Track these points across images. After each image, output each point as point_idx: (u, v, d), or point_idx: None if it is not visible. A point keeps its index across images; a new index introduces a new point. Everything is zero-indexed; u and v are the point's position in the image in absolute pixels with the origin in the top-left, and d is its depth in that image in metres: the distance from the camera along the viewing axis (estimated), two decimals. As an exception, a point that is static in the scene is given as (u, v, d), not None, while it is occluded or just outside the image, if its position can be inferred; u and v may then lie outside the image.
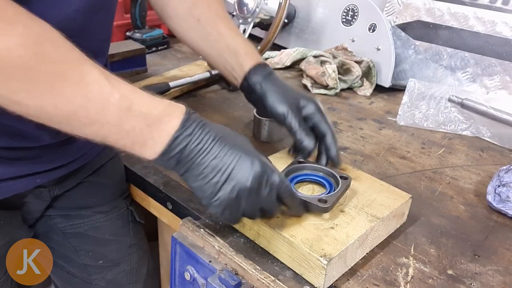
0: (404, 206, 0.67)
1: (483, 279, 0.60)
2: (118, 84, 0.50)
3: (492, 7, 1.09)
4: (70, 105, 0.48)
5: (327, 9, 1.33)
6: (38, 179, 0.69)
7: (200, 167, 0.53)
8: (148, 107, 0.51)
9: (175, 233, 0.67)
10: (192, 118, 0.53)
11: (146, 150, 0.52)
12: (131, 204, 0.90)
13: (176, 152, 0.52)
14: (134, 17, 1.33)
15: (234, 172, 0.53)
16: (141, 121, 0.51)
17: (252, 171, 0.53)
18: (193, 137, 0.52)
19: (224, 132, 0.55)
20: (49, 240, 0.84)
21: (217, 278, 0.60)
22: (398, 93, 1.17)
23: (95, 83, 0.49)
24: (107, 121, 0.50)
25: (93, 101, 0.48)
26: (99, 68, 0.50)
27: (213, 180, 0.53)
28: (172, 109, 0.53)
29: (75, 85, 0.48)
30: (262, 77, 0.73)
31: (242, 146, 0.55)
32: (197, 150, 0.53)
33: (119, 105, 0.49)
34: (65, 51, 0.48)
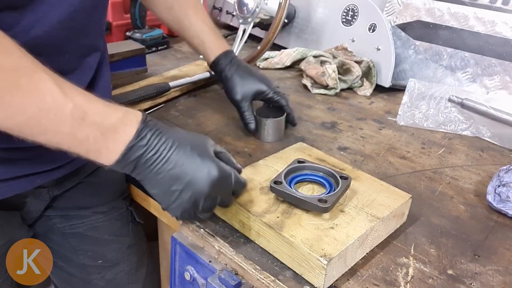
0: (404, 206, 0.67)
1: (483, 279, 0.60)
2: (71, 93, 0.50)
3: (492, 7, 1.09)
4: (22, 115, 0.48)
5: (327, 9, 1.33)
6: (38, 179, 0.69)
7: (158, 176, 0.54)
8: (102, 117, 0.51)
9: (175, 233, 0.67)
10: (149, 125, 0.53)
11: (101, 157, 0.53)
12: (130, 204, 0.90)
13: (132, 160, 0.53)
14: (134, 17, 1.33)
15: (192, 181, 0.54)
16: (95, 131, 0.50)
17: (210, 178, 0.55)
18: (149, 146, 0.53)
19: (181, 139, 0.55)
20: (48, 240, 0.84)
21: (217, 278, 0.60)
22: (398, 93, 1.17)
23: (48, 92, 0.48)
24: (60, 130, 0.49)
25: (45, 111, 0.48)
26: (52, 76, 0.49)
27: (172, 188, 0.55)
28: (128, 118, 0.53)
29: (27, 94, 0.47)
30: (223, 66, 0.89)
31: (200, 152, 0.56)
32: (153, 159, 0.53)
33: (72, 115, 0.49)
34: (16, 58, 0.47)
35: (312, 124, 1.00)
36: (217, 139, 0.91)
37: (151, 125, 0.54)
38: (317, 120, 1.02)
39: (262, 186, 0.67)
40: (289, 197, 0.62)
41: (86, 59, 0.67)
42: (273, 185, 0.63)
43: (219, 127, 0.96)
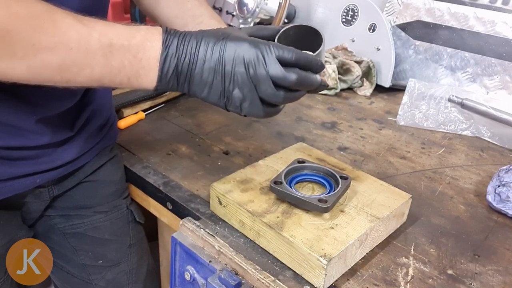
0: (404, 206, 0.67)
1: (483, 279, 0.60)
2: (92, 24, 0.51)
3: (492, 7, 1.09)
4: (56, 57, 0.49)
5: (327, 9, 1.33)
6: (38, 179, 0.69)
7: (198, 76, 0.54)
8: (127, 38, 0.52)
9: (175, 233, 0.67)
10: (171, 34, 0.54)
11: (142, 80, 0.53)
12: (131, 204, 0.90)
13: (172, 72, 0.53)
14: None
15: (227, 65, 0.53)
16: (126, 54, 0.52)
17: (241, 54, 0.53)
18: (179, 51, 0.53)
19: (205, 34, 0.55)
20: (48, 240, 0.84)
21: (217, 278, 0.60)
22: (398, 93, 1.17)
23: (72, 28, 0.49)
24: (95, 63, 0.51)
25: (75, 46, 0.49)
26: (71, 13, 0.50)
27: (215, 82, 0.54)
28: (150, 33, 0.53)
29: (52, 36, 0.48)
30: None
31: (225, 36, 0.54)
32: (188, 63, 0.53)
33: (100, 44, 0.50)
34: (33, 6, 0.48)
35: (312, 124, 1.00)
36: (217, 139, 0.91)
37: (173, 33, 0.54)
38: (317, 120, 1.02)
39: (262, 186, 0.67)
40: (289, 197, 0.62)
41: None
42: (273, 185, 0.63)
43: (219, 127, 0.96)
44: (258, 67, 0.53)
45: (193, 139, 0.91)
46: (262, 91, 0.54)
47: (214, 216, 0.68)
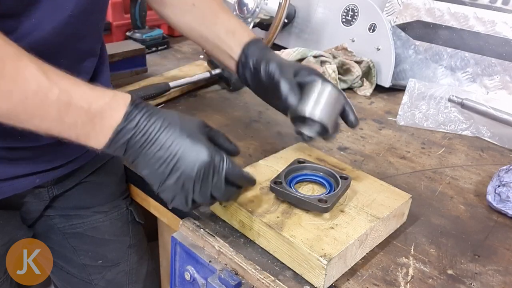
0: (404, 206, 0.67)
1: (483, 279, 0.60)
2: (56, 78, 0.50)
3: (492, 7, 1.09)
4: (8, 102, 0.48)
5: (327, 9, 1.33)
6: (38, 179, 0.69)
7: (146, 157, 0.53)
8: (89, 102, 0.51)
9: (175, 233, 0.67)
10: (138, 108, 0.53)
11: (90, 142, 0.53)
12: (131, 204, 0.90)
13: (121, 143, 0.53)
14: (134, 17, 1.33)
15: (178, 163, 0.53)
16: (82, 116, 0.51)
17: (198, 161, 0.53)
18: (138, 128, 0.52)
19: (171, 120, 0.54)
20: (48, 240, 0.84)
21: (217, 278, 0.60)
22: (398, 93, 1.17)
23: (33, 78, 0.48)
24: (47, 116, 0.50)
25: (31, 97, 0.48)
26: (37, 63, 0.49)
27: (159, 170, 0.54)
28: (115, 101, 0.52)
29: (12, 81, 0.47)
30: (259, 49, 0.72)
31: (190, 134, 0.54)
32: (142, 141, 0.53)
33: (58, 100, 0.49)
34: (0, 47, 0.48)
35: (312, 124, 1.00)
36: (217, 139, 0.91)
37: (140, 107, 0.53)
38: (317, 120, 1.02)
39: (262, 186, 0.67)
40: (289, 197, 0.62)
41: (82, 64, 0.67)
42: (273, 185, 0.63)
43: (219, 127, 0.95)
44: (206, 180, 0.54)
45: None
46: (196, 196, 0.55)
47: (214, 216, 0.68)
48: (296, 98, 0.64)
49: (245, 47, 0.72)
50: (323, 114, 0.63)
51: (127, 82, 1.09)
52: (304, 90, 0.64)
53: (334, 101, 0.64)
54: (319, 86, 0.64)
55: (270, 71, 0.67)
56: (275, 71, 0.66)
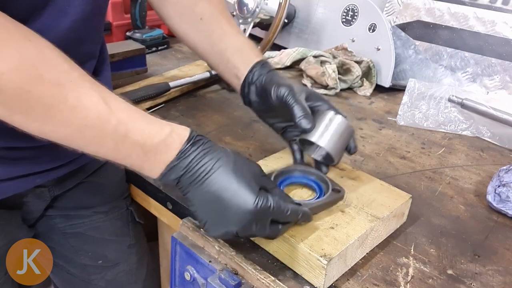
0: (404, 206, 0.67)
1: (483, 279, 0.60)
2: (116, 108, 0.50)
3: (492, 7, 1.09)
4: (67, 129, 0.49)
5: (327, 9, 1.33)
6: (38, 179, 0.69)
7: (195, 195, 0.54)
8: (145, 137, 0.51)
9: (175, 233, 0.67)
10: (194, 146, 0.53)
11: (143, 172, 0.54)
12: (131, 204, 0.90)
13: (173, 179, 0.53)
14: (134, 17, 1.33)
15: (224, 208, 0.53)
16: (137, 149, 0.51)
17: (243, 209, 0.52)
18: (189, 167, 0.52)
19: (226, 162, 0.53)
20: (49, 240, 0.84)
21: (217, 278, 0.60)
22: (398, 93, 1.17)
23: (93, 107, 0.49)
24: (104, 144, 0.51)
25: (89, 126, 0.49)
26: (98, 90, 0.50)
27: (205, 209, 0.54)
28: (171, 139, 0.52)
29: (72, 109, 0.48)
30: (267, 70, 0.71)
31: (240, 179, 0.53)
32: (192, 180, 0.53)
33: (115, 132, 0.50)
34: (61, 72, 0.48)
35: (312, 124, 1.00)
36: (217, 139, 0.91)
37: (196, 146, 0.53)
38: (317, 120, 1.02)
39: (262, 186, 0.67)
40: None
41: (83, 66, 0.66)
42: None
43: (219, 127, 0.96)
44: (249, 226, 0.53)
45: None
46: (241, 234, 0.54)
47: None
48: (311, 123, 0.63)
49: (253, 67, 0.71)
50: (330, 143, 0.64)
51: (127, 82, 1.09)
52: (315, 117, 0.65)
53: (342, 132, 0.65)
54: (330, 115, 0.65)
55: (282, 95, 0.65)
56: (287, 95, 0.65)
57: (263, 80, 0.70)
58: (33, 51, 0.46)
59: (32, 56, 0.46)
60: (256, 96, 0.71)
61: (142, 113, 0.53)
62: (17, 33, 0.46)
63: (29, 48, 0.46)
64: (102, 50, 0.74)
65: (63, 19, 0.57)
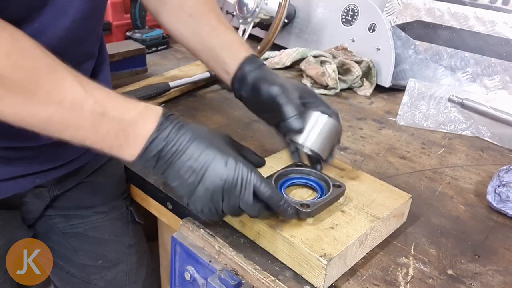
0: (404, 206, 0.67)
1: (483, 279, 0.60)
2: (92, 90, 0.51)
3: (492, 7, 1.09)
4: (44, 112, 0.49)
5: (327, 9, 1.33)
6: (38, 179, 0.69)
7: (176, 167, 0.54)
8: (122, 112, 0.52)
9: (175, 233, 0.67)
10: (169, 119, 0.54)
11: (123, 152, 0.54)
12: (130, 204, 0.90)
13: (154, 154, 0.53)
14: (134, 17, 1.33)
15: (207, 173, 0.54)
16: (115, 126, 0.51)
17: (226, 171, 0.54)
18: (169, 139, 0.53)
19: (201, 132, 0.55)
20: (48, 240, 0.84)
21: (217, 278, 0.60)
22: (398, 93, 1.17)
23: (69, 89, 0.49)
24: (81, 126, 0.51)
25: (67, 108, 0.49)
26: (72, 74, 0.50)
27: (189, 180, 0.54)
28: (147, 112, 0.53)
29: (48, 92, 0.48)
30: (256, 66, 0.70)
31: (218, 146, 0.55)
32: (172, 151, 0.53)
33: (92, 111, 0.50)
34: (36, 58, 0.49)
35: (312, 124, 1.00)
36: (217, 139, 0.91)
37: (172, 119, 0.54)
38: (317, 120, 1.02)
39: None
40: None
41: (81, 66, 0.67)
42: None
43: (219, 127, 0.96)
44: (234, 190, 0.54)
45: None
46: (225, 207, 0.56)
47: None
48: (301, 123, 0.63)
49: (242, 63, 0.70)
50: (316, 143, 0.64)
51: (127, 82, 1.09)
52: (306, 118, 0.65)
53: (328, 132, 0.65)
54: (316, 115, 0.64)
55: (273, 93, 0.65)
56: (278, 94, 0.64)
57: (254, 76, 0.69)
58: (7, 40, 0.47)
59: (7, 45, 0.46)
60: (247, 92, 0.70)
61: (117, 93, 0.54)
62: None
63: (3, 37, 0.47)
64: (101, 50, 0.74)
65: (62, 19, 0.57)
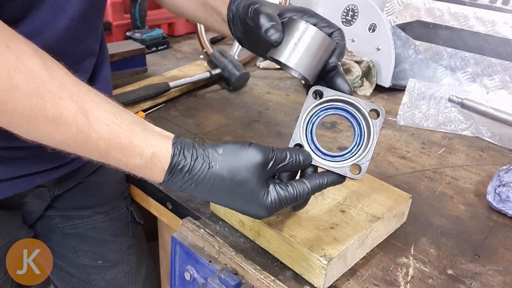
0: (404, 206, 0.67)
1: (483, 279, 0.60)
2: (96, 121, 0.47)
3: (492, 7, 1.09)
4: (51, 140, 0.48)
5: (327, 9, 1.33)
6: (38, 178, 0.69)
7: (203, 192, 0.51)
8: (126, 156, 0.49)
9: (175, 233, 0.67)
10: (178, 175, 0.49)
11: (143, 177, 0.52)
12: (130, 204, 0.90)
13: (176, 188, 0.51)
14: (134, 17, 1.33)
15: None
16: (121, 165, 0.50)
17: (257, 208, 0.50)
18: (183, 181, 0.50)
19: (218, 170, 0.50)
20: (48, 240, 0.84)
21: (217, 278, 0.59)
22: (398, 93, 1.17)
23: (73, 122, 0.46)
24: (91, 154, 0.49)
25: (72, 140, 0.47)
26: (79, 100, 0.47)
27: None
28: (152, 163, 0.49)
29: (51, 122, 0.46)
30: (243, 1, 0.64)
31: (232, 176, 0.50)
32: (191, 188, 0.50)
33: (97, 148, 0.48)
34: (39, 83, 0.45)
35: (312, 124, 1.00)
36: (217, 139, 0.91)
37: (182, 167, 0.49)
38: (317, 120, 1.02)
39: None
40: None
41: (82, 64, 0.67)
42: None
43: (219, 127, 0.96)
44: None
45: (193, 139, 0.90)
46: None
47: (214, 216, 0.68)
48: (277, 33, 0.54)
49: (230, 4, 0.66)
50: (301, 62, 0.53)
51: (127, 82, 1.09)
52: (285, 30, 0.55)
53: (317, 47, 0.54)
54: (302, 26, 0.53)
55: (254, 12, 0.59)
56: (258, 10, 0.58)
57: (241, 9, 0.64)
58: (10, 59, 0.44)
59: (9, 65, 0.43)
60: (241, 28, 0.66)
61: (124, 126, 0.49)
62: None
63: (6, 55, 0.44)
64: (102, 48, 0.74)
65: (60, 17, 0.57)
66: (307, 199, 0.55)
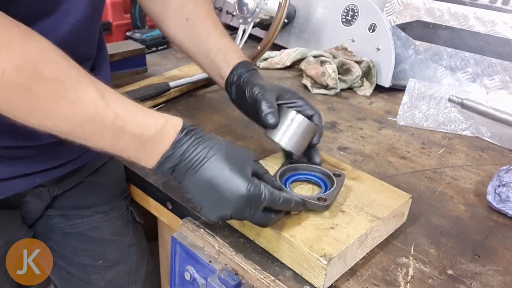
0: (404, 206, 0.67)
1: (483, 279, 0.60)
2: (113, 103, 0.52)
3: (492, 7, 1.09)
4: (68, 124, 0.50)
5: (327, 9, 1.33)
6: (38, 178, 0.69)
7: (190, 183, 0.55)
8: (141, 128, 0.53)
9: (175, 233, 0.67)
10: (188, 135, 0.55)
11: (141, 162, 0.56)
12: (131, 204, 0.90)
13: (168, 167, 0.55)
14: (134, 17, 1.33)
15: (218, 195, 0.54)
16: (134, 141, 0.53)
17: (236, 195, 0.54)
18: (183, 156, 0.54)
19: (218, 150, 0.55)
20: (48, 240, 0.84)
21: (217, 278, 0.59)
22: (398, 93, 1.17)
23: (92, 103, 0.50)
24: (102, 138, 0.52)
25: (88, 120, 0.50)
26: (96, 86, 0.51)
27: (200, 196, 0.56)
28: (166, 129, 0.54)
29: (72, 105, 0.49)
30: (247, 70, 0.75)
31: (233, 167, 0.55)
32: (186, 169, 0.55)
33: (113, 125, 0.51)
34: (61, 69, 0.49)
35: (312, 124, 1.00)
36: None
37: (190, 135, 0.55)
38: (317, 120, 1.02)
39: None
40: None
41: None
42: None
43: (219, 127, 0.96)
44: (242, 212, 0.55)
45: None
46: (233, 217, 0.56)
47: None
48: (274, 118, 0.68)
49: (234, 69, 0.75)
50: (291, 141, 0.69)
51: (127, 82, 1.09)
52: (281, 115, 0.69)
53: (303, 131, 0.69)
54: (292, 115, 0.68)
55: (253, 93, 0.70)
56: (257, 93, 0.69)
57: (242, 81, 0.74)
58: (33, 49, 0.47)
59: (33, 54, 0.47)
60: (237, 95, 0.75)
61: (138, 106, 0.55)
62: (18, 32, 0.47)
63: (29, 46, 0.47)
64: (101, 49, 0.74)
65: (63, 23, 0.58)
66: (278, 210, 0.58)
